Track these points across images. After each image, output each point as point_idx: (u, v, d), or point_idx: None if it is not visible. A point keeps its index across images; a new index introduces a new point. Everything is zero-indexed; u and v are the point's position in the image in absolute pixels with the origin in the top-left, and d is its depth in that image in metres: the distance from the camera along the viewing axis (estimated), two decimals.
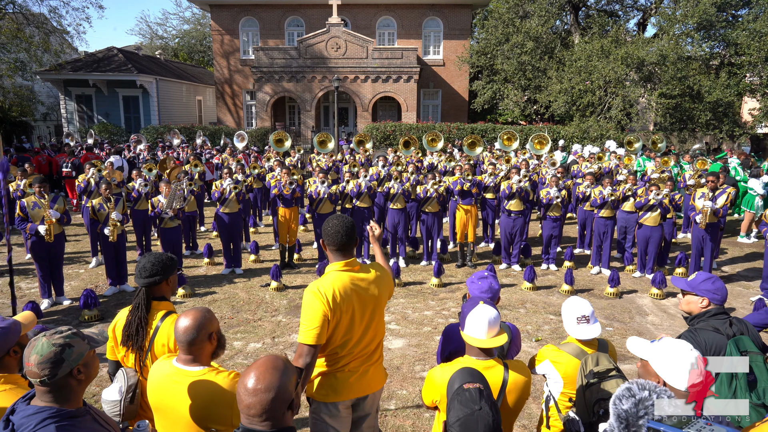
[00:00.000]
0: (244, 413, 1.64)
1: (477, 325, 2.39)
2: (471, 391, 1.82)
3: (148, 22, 57.23)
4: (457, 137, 19.27)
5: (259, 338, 6.03)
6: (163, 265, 2.64)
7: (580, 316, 2.67)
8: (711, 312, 2.74)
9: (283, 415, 1.65)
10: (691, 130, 19.68)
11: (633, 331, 6.42)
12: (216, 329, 2.25)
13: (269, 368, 1.65)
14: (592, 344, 2.71)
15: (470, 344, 2.41)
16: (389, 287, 2.87)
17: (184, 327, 2.15)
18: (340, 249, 2.69)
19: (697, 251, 8.09)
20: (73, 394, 1.85)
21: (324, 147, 13.06)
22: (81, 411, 1.86)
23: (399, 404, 4.66)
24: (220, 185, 8.34)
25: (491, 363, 2.41)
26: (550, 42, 21.99)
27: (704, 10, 17.75)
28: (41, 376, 1.76)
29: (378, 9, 24.77)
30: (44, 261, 6.83)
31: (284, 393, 1.64)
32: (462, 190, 8.57)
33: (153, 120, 23.97)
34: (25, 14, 20.91)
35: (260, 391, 1.60)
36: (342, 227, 2.68)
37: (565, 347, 2.72)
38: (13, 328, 2.27)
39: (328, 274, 2.70)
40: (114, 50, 25.02)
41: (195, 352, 2.18)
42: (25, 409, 1.77)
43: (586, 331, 2.66)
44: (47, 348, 1.78)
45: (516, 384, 2.41)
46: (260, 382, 1.62)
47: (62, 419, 1.76)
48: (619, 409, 1.70)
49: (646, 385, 1.71)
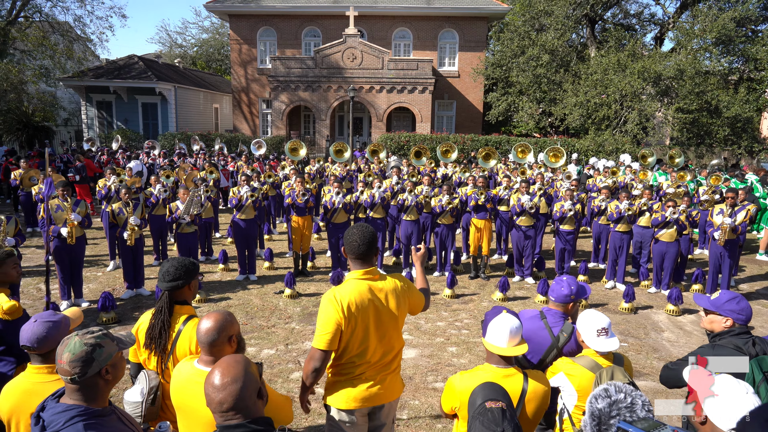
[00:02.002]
0: (217, 412, 1.67)
1: (499, 333, 2.42)
2: (494, 411, 1.83)
3: (168, 30, 58.27)
4: (471, 149, 19.30)
5: (273, 345, 6.07)
6: (186, 270, 2.70)
7: (600, 329, 2.65)
8: (734, 331, 2.71)
9: (254, 404, 1.69)
10: (708, 145, 19.49)
11: (648, 347, 6.35)
12: (236, 332, 2.30)
13: (230, 363, 1.72)
14: (607, 358, 2.69)
15: (490, 351, 2.45)
16: (412, 300, 2.86)
17: (206, 328, 2.21)
18: (359, 258, 2.73)
19: (715, 268, 7.99)
20: (101, 394, 1.90)
21: (340, 156, 13.17)
22: (107, 410, 1.92)
23: (411, 414, 4.67)
24: (238, 192, 8.44)
25: (511, 371, 2.43)
26: (566, 55, 21.99)
27: (723, 25, 17.66)
28: (72, 374, 1.81)
29: (394, 20, 25.00)
30: (65, 263, 6.96)
31: (251, 381, 1.69)
32: (477, 205, 8.58)
33: (171, 127, 24.35)
34: (51, 23, 21.45)
35: (228, 384, 1.65)
36: (362, 237, 2.71)
37: (580, 360, 2.71)
38: (64, 322, 2.37)
39: (347, 281, 2.74)
40: (135, 58, 25.53)
41: (216, 354, 2.22)
42: (55, 407, 1.83)
43: (606, 344, 2.65)
44: (79, 347, 1.83)
45: (536, 393, 2.42)
46: (226, 375, 1.67)
47: (89, 417, 1.81)
48: (594, 408, 1.79)
49: (623, 388, 1.79)
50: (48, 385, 2.25)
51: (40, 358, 2.31)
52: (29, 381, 2.28)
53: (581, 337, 2.75)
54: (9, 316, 3.31)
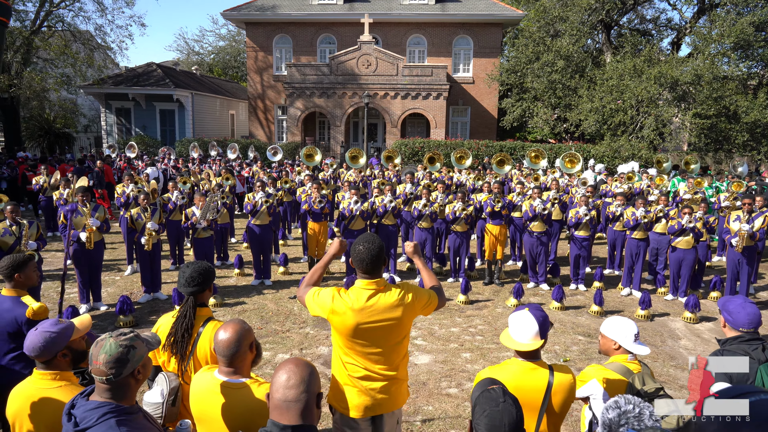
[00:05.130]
0: (280, 409, 1.73)
1: (516, 328, 2.50)
2: (495, 389, 1.95)
3: (185, 38, 59.40)
4: (485, 154, 19.26)
5: (287, 349, 6.12)
6: (207, 274, 2.76)
7: (636, 333, 2.71)
8: (744, 337, 2.70)
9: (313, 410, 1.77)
10: (727, 150, 19.21)
11: (665, 355, 6.27)
12: (254, 338, 2.33)
13: (299, 364, 1.80)
14: (637, 363, 2.71)
15: (509, 347, 2.53)
16: (419, 306, 2.81)
17: (226, 340, 2.19)
18: (366, 272, 2.73)
19: (732, 275, 7.87)
20: (131, 393, 1.97)
21: (355, 162, 13.27)
22: (135, 408, 1.98)
23: (425, 419, 4.67)
24: (253, 197, 8.54)
25: (536, 365, 2.48)
26: (581, 61, 21.88)
27: (741, 30, 17.44)
28: (108, 375, 1.88)
29: (409, 27, 25.12)
30: (84, 267, 7.10)
31: (315, 385, 1.78)
32: (492, 211, 8.57)
33: (188, 133, 24.71)
34: (72, 32, 21.96)
35: (295, 385, 1.73)
36: (368, 254, 2.68)
37: (611, 365, 2.72)
38: (64, 333, 2.38)
39: (352, 289, 2.77)
40: (153, 65, 26.00)
41: (237, 364, 2.23)
42: (86, 404, 1.89)
43: (644, 348, 2.70)
44: (115, 348, 1.90)
45: (562, 385, 2.45)
46: (295, 375, 1.75)
47: (121, 414, 1.88)
48: (605, 418, 1.95)
49: (632, 400, 1.96)
50: (51, 390, 2.30)
51: (44, 364, 2.35)
52: (34, 386, 2.33)
53: (615, 344, 2.77)
54: (37, 318, 3.37)
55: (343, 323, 2.67)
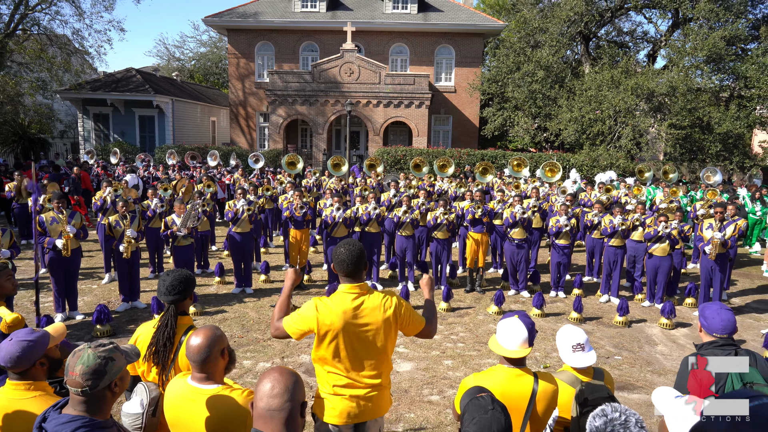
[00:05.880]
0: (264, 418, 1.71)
1: (504, 335, 2.52)
2: (484, 397, 1.97)
3: (166, 44, 58.79)
4: (467, 163, 19.44)
5: (269, 358, 6.07)
6: (187, 282, 2.73)
7: (575, 344, 2.70)
8: (718, 343, 2.76)
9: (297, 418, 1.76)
10: (701, 160, 19.72)
11: (642, 360, 6.39)
12: (226, 345, 2.31)
13: (283, 373, 1.78)
14: (587, 372, 2.74)
15: (497, 353, 2.55)
16: (404, 320, 2.79)
17: (197, 346, 2.19)
18: (348, 275, 2.75)
19: (706, 282, 8.07)
20: (106, 406, 1.91)
21: (338, 170, 13.28)
22: (109, 423, 1.92)
23: (407, 427, 4.67)
24: (234, 205, 8.48)
25: (522, 372, 2.52)
26: (561, 71, 22.28)
27: (713, 44, 17.97)
28: (83, 386, 1.82)
29: (391, 36, 25.30)
30: (60, 275, 6.96)
31: (299, 394, 1.77)
32: (474, 218, 8.64)
33: (168, 140, 24.41)
34: (49, 35, 21.56)
35: (279, 394, 1.71)
36: (349, 256, 2.71)
37: (561, 375, 2.76)
38: (41, 341, 2.33)
39: (334, 295, 2.78)
40: (132, 71, 25.67)
41: (209, 370, 2.22)
42: (58, 418, 1.83)
43: (582, 359, 2.69)
44: (93, 360, 1.84)
45: (545, 393, 2.50)
46: (279, 384, 1.73)
47: (94, 429, 1.82)
48: (592, 426, 1.98)
49: (618, 408, 1.98)
50: (25, 401, 2.24)
51: (17, 375, 2.29)
52: (6, 397, 2.27)
53: (558, 353, 2.79)
54: (10, 330, 3.28)
55: (331, 327, 2.67)
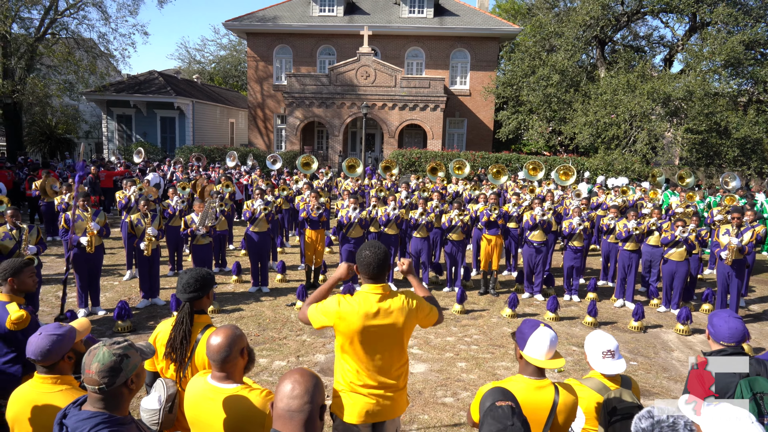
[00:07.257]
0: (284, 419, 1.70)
1: (539, 346, 2.43)
2: (504, 408, 1.90)
3: (187, 47, 59.76)
4: (481, 166, 19.46)
5: (284, 356, 6.19)
6: (205, 281, 2.76)
7: (606, 351, 2.62)
8: (726, 351, 2.70)
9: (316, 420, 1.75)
10: (717, 165, 19.50)
11: (658, 366, 6.37)
12: (246, 344, 2.32)
13: (304, 374, 1.78)
14: (615, 380, 2.66)
15: (529, 363, 2.46)
16: (421, 315, 2.87)
17: (217, 345, 2.21)
18: (372, 278, 2.81)
19: (723, 288, 8.00)
20: (123, 403, 1.96)
21: (353, 171, 13.41)
22: (128, 419, 1.97)
23: (421, 428, 4.74)
24: (251, 205, 8.63)
25: (544, 383, 2.46)
26: (576, 75, 22.20)
27: (732, 48, 17.78)
28: (100, 384, 1.86)
29: (407, 40, 25.43)
30: (83, 272, 7.15)
31: (319, 396, 1.76)
32: (489, 221, 8.69)
33: (188, 140, 24.83)
34: (76, 39, 22.12)
35: (300, 395, 1.71)
36: (375, 259, 2.76)
37: (588, 382, 2.68)
38: (69, 335, 2.41)
39: (357, 293, 2.84)
40: (155, 73, 26.18)
41: (228, 369, 2.24)
42: (78, 414, 1.88)
43: (612, 366, 2.61)
44: (108, 357, 1.88)
45: (566, 404, 2.44)
46: (299, 386, 1.72)
47: (113, 425, 1.87)
48: (638, 428, 1.86)
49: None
50: (52, 395, 2.30)
51: (46, 368, 2.34)
52: (35, 390, 2.32)
53: (587, 359, 2.72)
54: (16, 327, 3.34)
55: (349, 327, 2.71)
